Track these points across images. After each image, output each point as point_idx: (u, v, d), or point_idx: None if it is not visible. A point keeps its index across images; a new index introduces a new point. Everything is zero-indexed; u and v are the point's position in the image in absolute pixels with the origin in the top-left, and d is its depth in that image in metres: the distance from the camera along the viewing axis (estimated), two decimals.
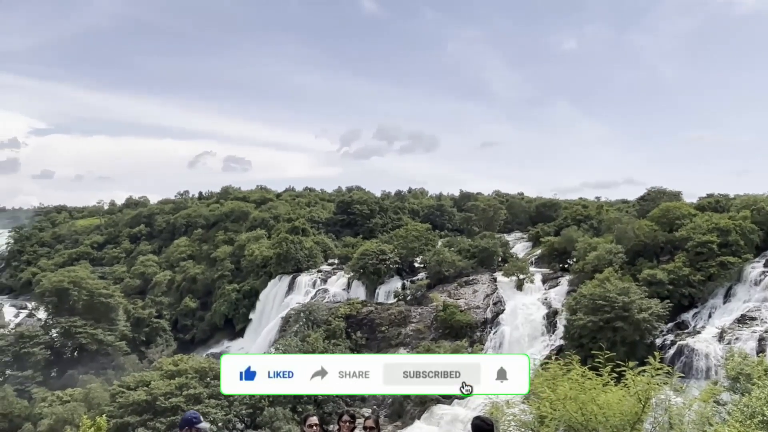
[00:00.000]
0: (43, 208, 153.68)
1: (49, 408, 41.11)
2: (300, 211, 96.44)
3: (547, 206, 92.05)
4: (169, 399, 37.94)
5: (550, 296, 55.03)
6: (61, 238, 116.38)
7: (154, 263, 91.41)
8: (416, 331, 55.02)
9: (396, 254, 65.35)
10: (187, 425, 7.41)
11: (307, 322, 57.32)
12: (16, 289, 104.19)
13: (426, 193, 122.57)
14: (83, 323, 59.00)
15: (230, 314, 76.06)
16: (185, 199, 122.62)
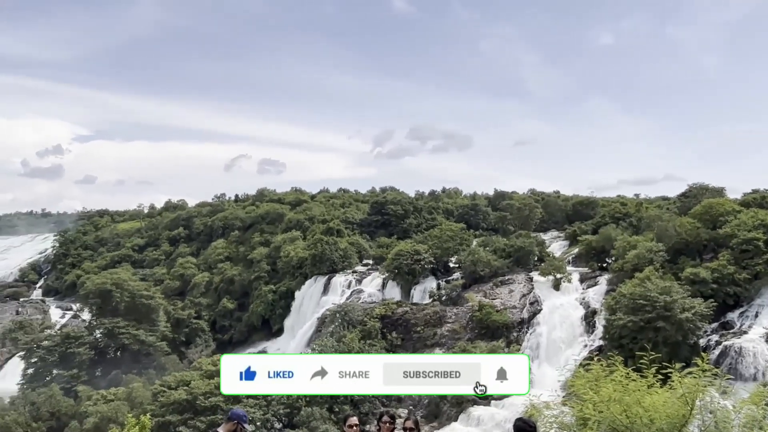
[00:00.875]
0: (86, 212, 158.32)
1: (94, 406, 42.22)
2: (334, 212, 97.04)
3: (584, 204, 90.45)
4: (209, 398, 38.61)
5: (589, 296, 54.01)
6: (104, 241, 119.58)
7: (192, 265, 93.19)
8: (452, 331, 54.71)
9: (430, 254, 65.12)
10: (238, 419, 7.70)
11: (343, 322, 57.60)
12: (61, 291, 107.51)
13: (460, 192, 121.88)
14: (125, 324, 60.47)
15: (267, 315, 76.98)
16: (222, 201, 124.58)
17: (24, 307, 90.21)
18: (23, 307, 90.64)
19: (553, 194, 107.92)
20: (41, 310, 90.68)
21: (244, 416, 8.05)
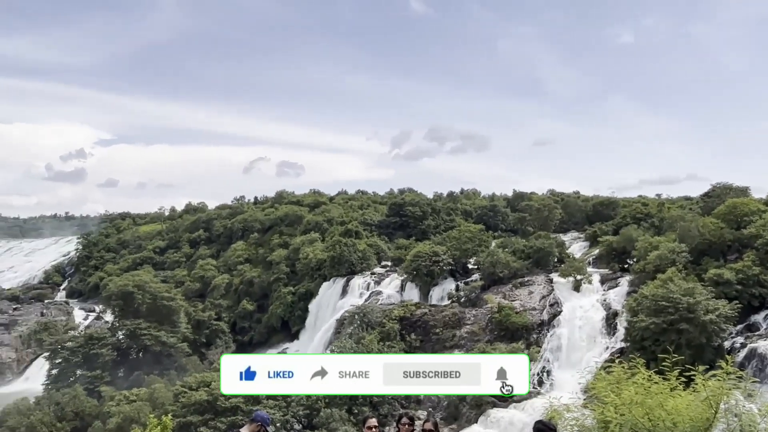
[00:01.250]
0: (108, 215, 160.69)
1: (116, 407, 42.75)
2: (353, 214, 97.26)
3: (604, 205, 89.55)
4: (229, 399, 38.82)
5: (610, 297, 53.40)
6: (126, 244, 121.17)
7: (212, 267, 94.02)
8: (471, 333, 54.47)
9: (449, 256, 64.92)
10: (261, 422, 7.77)
11: (362, 324, 57.66)
12: (85, 293, 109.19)
13: (478, 193, 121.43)
14: (147, 325, 61.15)
15: (286, 316, 77.36)
16: (241, 204, 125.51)
17: (48, 309, 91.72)
18: (48, 308, 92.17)
19: (572, 195, 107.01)
20: (65, 311, 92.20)
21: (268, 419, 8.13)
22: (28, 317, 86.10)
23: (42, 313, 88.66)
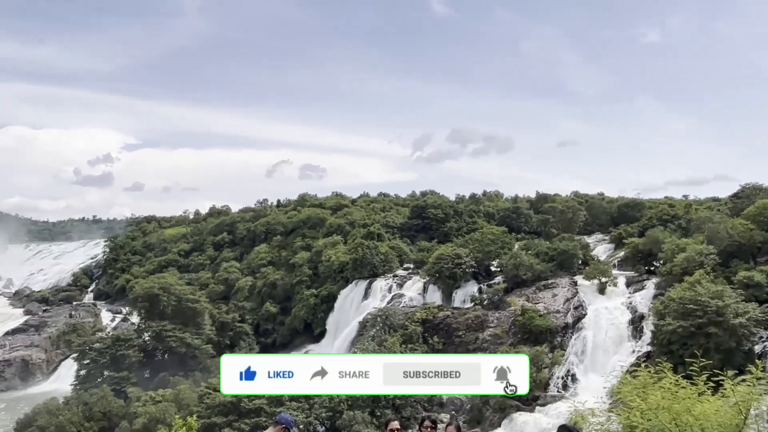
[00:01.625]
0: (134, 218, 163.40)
1: (143, 407, 43.31)
2: (375, 217, 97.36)
3: (629, 206, 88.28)
4: (253, 401, 39.10)
5: (636, 300, 52.59)
6: (151, 247, 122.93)
7: (236, 269, 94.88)
8: (494, 336, 54.08)
9: (472, 258, 64.58)
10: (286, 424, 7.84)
11: (384, 326, 57.62)
12: (112, 295, 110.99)
13: (501, 195, 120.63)
14: (172, 327, 61.90)
15: (309, 319, 77.69)
16: (264, 207, 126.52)
17: (77, 311, 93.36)
18: (76, 310, 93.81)
19: (597, 196, 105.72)
20: (93, 313, 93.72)
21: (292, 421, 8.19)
22: (57, 319, 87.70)
23: (70, 315, 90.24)
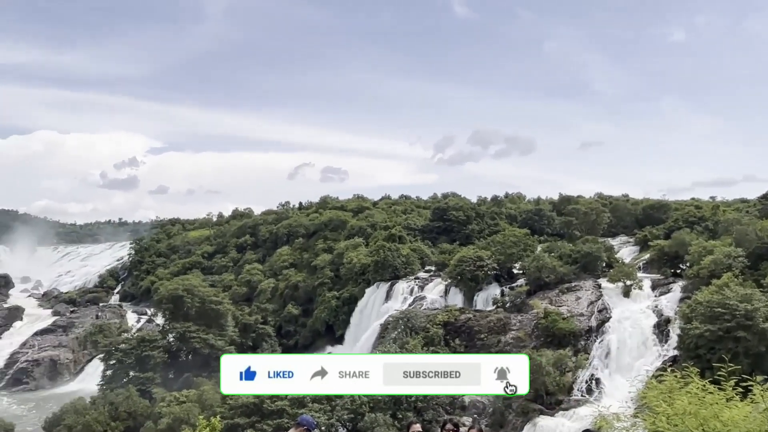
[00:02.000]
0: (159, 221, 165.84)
1: (167, 408, 43.83)
2: (396, 219, 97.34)
3: (655, 208, 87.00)
4: (275, 402, 39.32)
5: (661, 303, 51.73)
6: (176, 249, 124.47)
7: (258, 272, 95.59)
8: (516, 339, 53.66)
9: (494, 260, 64.17)
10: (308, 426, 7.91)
11: (406, 329, 57.51)
12: (137, 296, 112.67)
13: (523, 197, 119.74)
14: (196, 328, 62.55)
15: (331, 320, 77.91)
16: (286, 209, 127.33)
17: (103, 312, 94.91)
18: (102, 311, 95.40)
19: (621, 198, 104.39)
20: (119, 314, 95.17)
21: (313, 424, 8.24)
22: (84, 320, 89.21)
23: (97, 316, 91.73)
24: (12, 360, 79.40)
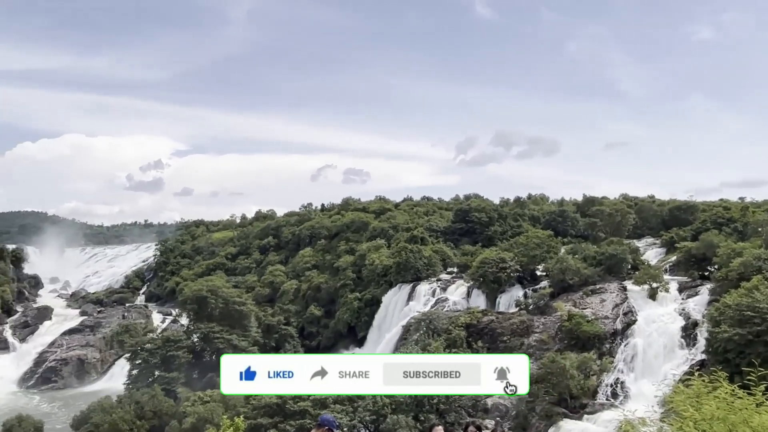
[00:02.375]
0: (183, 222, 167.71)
1: (192, 407, 44.27)
2: (418, 221, 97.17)
3: (682, 209, 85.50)
4: (297, 403, 39.50)
5: (689, 306, 50.80)
6: (200, 250, 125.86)
7: (281, 273, 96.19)
8: (539, 341, 53.18)
9: (516, 262, 63.71)
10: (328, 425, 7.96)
11: (428, 330, 57.41)
12: (162, 297, 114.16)
13: (547, 198, 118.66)
14: (220, 329, 63.17)
15: (353, 322, 78.06)
16: (309, 211, 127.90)
17: (129, 312, 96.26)
18: (128, 311, 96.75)
19: (647, 199, 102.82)
20: (144, 314, 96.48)
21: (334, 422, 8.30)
22: (110, 320, 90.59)
23: (123, 316, 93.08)
24: (41, 359, 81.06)
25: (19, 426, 48.40)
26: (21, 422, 48.86)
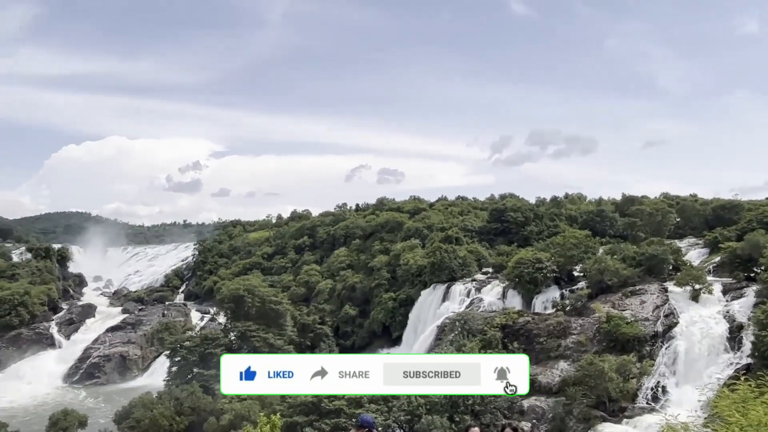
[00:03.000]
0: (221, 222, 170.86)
1: (229, 404, 44.91)
2: (453, 220, 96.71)
3: (725, 208, 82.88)
4: (333, 401, 39.75)
5: (733, 309, 49.17)
6: (237, 250, 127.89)
7: (316, 272, 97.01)
8: (577, 343, 52.25)
9: (553, 262, 62.79)
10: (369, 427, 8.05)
11: (463, 331, 57.04)
12: (200, 295, 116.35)
13: (584, 198, 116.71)
14: (256, 328, 64.00)
15: (387, 322, 78.17)
16: (343, 211, 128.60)
17: (169, 310, 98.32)
18: (168, 310, 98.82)
19: (689, 198, 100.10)
20: (183, 313, 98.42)
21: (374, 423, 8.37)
22: (151, 318, 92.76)
23: (163, 314, 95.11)
24: (85, 355, 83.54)
25: (65, 420, 50.00)
26: (66, 416, 50.45)
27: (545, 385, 47.92)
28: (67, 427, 49.08)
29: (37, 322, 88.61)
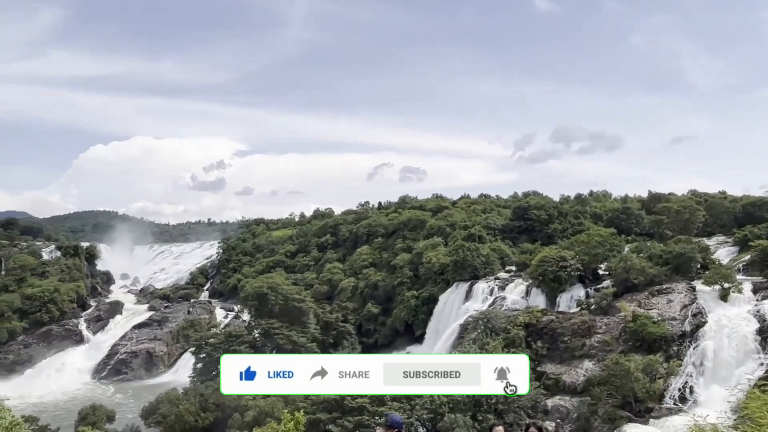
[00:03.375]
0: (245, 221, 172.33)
1: (253, 401, 45.33)
2: (475, 218, 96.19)
3: (756, 205, 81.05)
4: (356, 399, 39.85)
5: (764, 308, 48.02)
6: (260, 248, 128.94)
7: (339, 270, 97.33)
8: (602, 342, 51.58)
9: (577, 261, 62.06)
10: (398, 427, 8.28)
11: (486, 329, 56.71)
12: (225, 293, 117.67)
13: (609, 195, 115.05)
14: (280, 325, 64.53)
15: (410, 320, 78.10)
16: (366, 209, 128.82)
17: (194, 308, 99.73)
18: (193, 307, 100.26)
19: (717, 195, 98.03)
20: (208, 310, 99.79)
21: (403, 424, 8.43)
22: (177, 315, 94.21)
23: (188, 312, 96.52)
24: (113, 351, 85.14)
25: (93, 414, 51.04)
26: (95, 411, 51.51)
27: (569, 385, 47.44)
28: (95, 421, 50.06)
29: (67, 318, 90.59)
